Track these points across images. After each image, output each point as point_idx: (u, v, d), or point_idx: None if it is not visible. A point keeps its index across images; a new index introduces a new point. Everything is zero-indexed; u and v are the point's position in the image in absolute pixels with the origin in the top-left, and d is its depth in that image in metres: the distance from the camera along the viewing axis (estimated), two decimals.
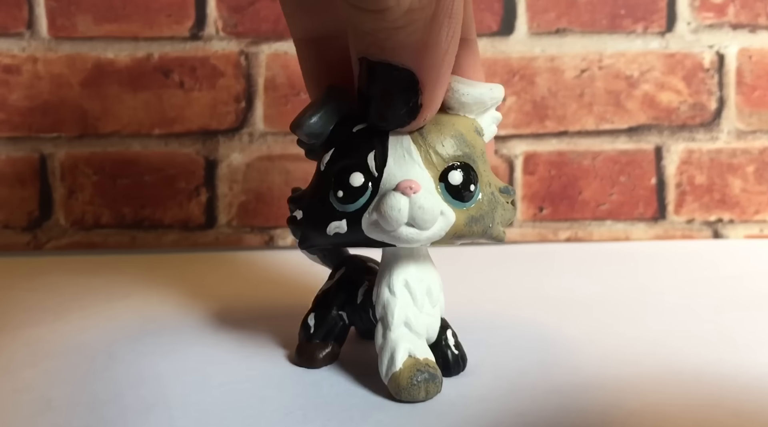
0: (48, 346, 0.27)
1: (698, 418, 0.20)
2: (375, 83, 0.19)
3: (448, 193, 0.20)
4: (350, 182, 0.20)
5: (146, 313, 0.31)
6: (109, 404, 0.21)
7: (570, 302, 0.32)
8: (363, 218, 0.20)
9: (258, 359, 0.25)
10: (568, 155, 0.46)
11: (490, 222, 0.21)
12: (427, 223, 0.19)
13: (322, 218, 0.21)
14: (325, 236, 0.21)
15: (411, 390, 0.21)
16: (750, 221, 0.47)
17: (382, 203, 0.19)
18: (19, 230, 0.46)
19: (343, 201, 0.20)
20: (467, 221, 0.20)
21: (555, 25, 0.46)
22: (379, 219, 0.20)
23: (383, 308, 0.22)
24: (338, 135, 0.21)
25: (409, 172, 0.20)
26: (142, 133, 0.45)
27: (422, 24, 0.18)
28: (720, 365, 0.24)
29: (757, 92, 0.46)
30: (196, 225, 0.46)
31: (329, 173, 0.21)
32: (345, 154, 0.21)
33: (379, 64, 0.19)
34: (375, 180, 0.20)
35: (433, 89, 0.19)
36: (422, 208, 0.19)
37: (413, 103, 0.19)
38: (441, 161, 0.20)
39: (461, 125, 0.21)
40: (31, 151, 0.45)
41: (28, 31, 0.45)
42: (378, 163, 0.20)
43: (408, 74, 0.19)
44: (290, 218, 0.23)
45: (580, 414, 0.20)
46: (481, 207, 0.21)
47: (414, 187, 0.19)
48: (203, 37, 0.45)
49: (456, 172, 0.20)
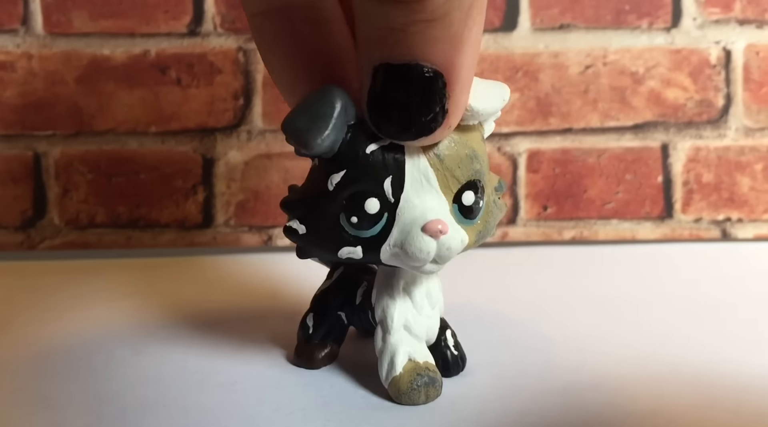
0: (46, 345, 0.26)
1: (702, 420, 0.20)
2: (399, 89, 0.18)
3: (461, 214, 0.20)
4: (365, 209, 0.19)
5: (144, 313, 0.30)
6: (107, 403, 0.21)
7: (572, 302, 0.32)
8: (383, 249, 0.19)
9: (257, 359, 0.25)
10: (573, 153, 0.46)
11: (491, 230, 0.21)
12: (449, 259, 0.20)
13: (332, 240, 0.20)
14: (334, 257, 0.20)
15: (411, 394, 0.21)
16: (759, 219, 0.46)
17: (408, 243, 0.19)
18: (13, 229, 0.45)
19: (357, 227, 0.19)
20: (477, 238, 0.21)
21: (559, 21, 0.45)
22: (403, 256, 0.19)
23: (382, 311, 0.22)
24: (349, 154, 0.19)
25: (426, 201, 0.19)
26: (139, 131, 0.45)
27: (459, 16, 0.16)
28: (725, 365, 0.24)
29: (764, 89, 0.45)
30: (193, 224, 0.45)
31: (339, 196, 0.19)
32: (358, 178, 0.19)
33: (405, 66, 0.17)
34: (391, 206, 0.19)
35: (461, 93, 0.18)
36: (450, 249, 0.19)
37: (440, 108, 0.18)
38: (456, 184, 0.20)
39: (473, 139, 0.20)
40: (25, 148, 0.44)
41: (22, 27, 0.44)
42: (395, 189, 0.19)
43: (437, 75, 0.17)
44: (287, 229, 0.21)
45: (581, 414, 0.20)
46: (487, 220, 0.21)
47: (443, 230, 0.19)
48: (201, 33, 0.44)
49: (469, 193, 0.20)
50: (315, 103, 0.19)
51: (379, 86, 0.18)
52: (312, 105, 0.19)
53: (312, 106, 0.19)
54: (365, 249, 0.19)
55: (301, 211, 0.20)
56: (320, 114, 0.19)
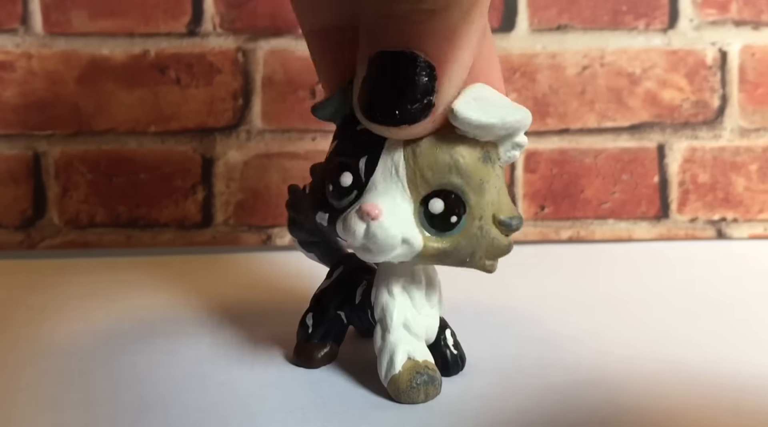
0: (46, 345, 0.27)
1: (699, 417, 0.20)
2: (392, 75, 0.18)
3: (426, 219, 0.20)
4: (340, 180, 0.20)
5: (144, 312, 0.30)
6: (107, 403, 0.21)
7: (570, 301, 0.32)
8: (337, 222, 0.20)
9: (257, 358, 0.25)
10: (570, 153, 0.46)
11: (466, 256, 0.20)
12: (379, 249, 0.19)
13: (316, 202, 0.21)
14: (313, 220, 0.21)
15: (410, 393, 0.21)
16: (754, 219, 0.46)
17: (345, 219, 0.20)
18: (13, 228, 0.45)
19: (331, 196, 0.20)
20: (436, 253, 0.20)
21: (556, 22, 0.45)
22: (342, 231, 0.20)
23: (382, 310, 0.22)
24: (345, 128, 0.21)
25: (388, 189, 0.19)
26: (138, 131, 0.45)
27: (459, 11, 0.17)
28: (722, 364, 0.24)
29: (760, 90, 0.46)
30: (193, 224, 0.45)
31: (329, 163, 0.21)
32: (344, 151, 0.21)
33: (400, 53, 0.18)
34: (361, 185, 0.20)
35: (449, 89, 0.18)
36: (374, 236, 0.19)
37: (427, 100, 0.18)
38: (425, 186, 0.19)
39: (463, 152, 0.19)
40: (25, 148, 0.45)
41: (22, 27, 0.44)
42: (367, 170, 0.20)
43: (429, 67, 0.18)
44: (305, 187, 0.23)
45: (579, 413, 0.20)
46: (458, 241, 0.20)
47: (372, 214, 0.19)
48: (200, 33, 0.45)
49: (437, 201, 0.19)
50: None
51: (372, 73, 0.19)
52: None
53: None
54: (330, 219, 0.20)
55: (315, 174, 0.22)
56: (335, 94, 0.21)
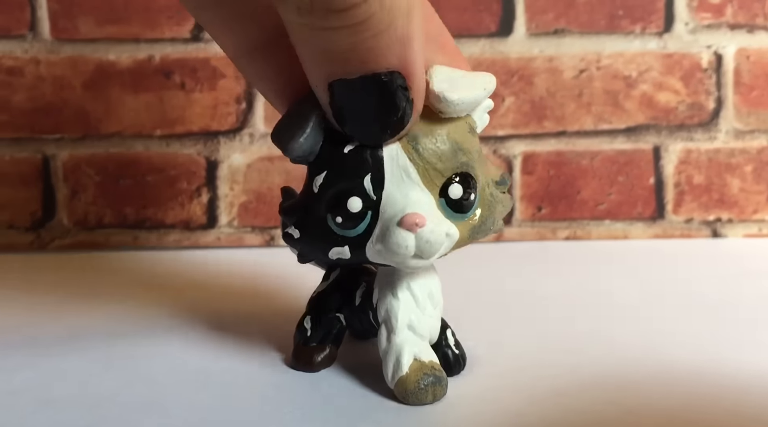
0: (48, 345, 0.27)
1: (695, 416, 0.20)
2: (360, 101, 0.18)
3: (449, 208, 0.20)
4: (348, 208, 0.19)
5: (146, 312, 0.31)
6: (108, 403, 0.21)
7: (569, 301, 0.32)
8: (367, 247, 0.20)
9: (258, 358, 0.25)
10: (567, 155, 0.47)
11: (491, 224, 0.21)
12: (434, 254, 0.19)
13: (322, 242, 0.20)
14: (327, 258, 0.21)
15: (419, 394, 0.21)
16: (748, 220, 0.47)
17: (387, 239, 0.19)
18: (23, 230, 0.46)
19: (342, 227, 0.20)
20: (471, 233, 0.20)
21: (553, 26, 0.46)
22: (385, 252, 0.19)
23: (386, 311, 0.21)
24: (328, 154, 0.20)
25: (408, 195, 0.19)
26: (144, 135, 0.46)
27: (402, 19, 0.16)
28: (718, 364, 0.24)
29: (755, 92, 0.46)
30: (198, 225, 0.46)
31: (323, 196, 0.20)
32: (339, 178, 0.20)
33: (360, 79, 0.17)
34: (374, 204, 0.19)
35: (420, 80, 0.18)
36: (429, 242, 0.19)
37: (407, 102, 0.18)
38: (439, 176, 0.20)
39: (456, 131, 0.20)
40: (34, 152, 0.46)
41: (30, 33, 0.45)
42: (375, 187, 0.19)
43: (395, 76, 0.18)
44: (285, 235, 0.22)
45: (578, 413, 0.20)
46: (482, 214, 0.20)
47: (420, 223, 0.19)
48: (204, 38, 0.45)
49: (455, 186, 0.20)
50: (293, 113, 0.20)
51: (340, 101, 0.18)
52: (291, 115, 0.20)
53: (290, 116, 0.20)
54: (352, 248, 0.20)
55: (296, 216, 0.21)
56: (296, 122, 0.20)
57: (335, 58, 0.17)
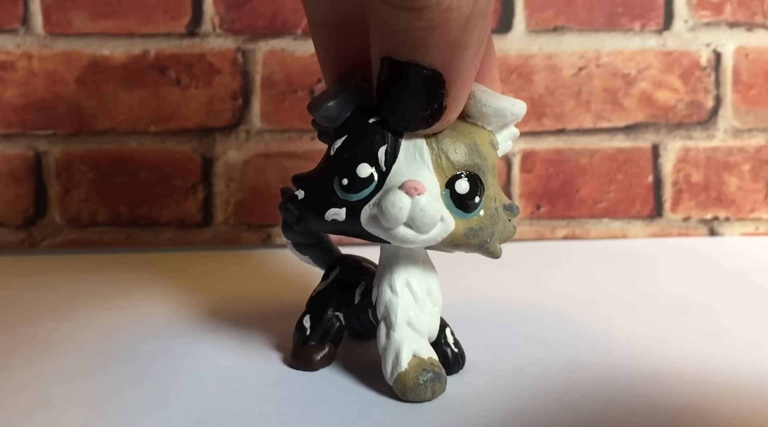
0: (46, 344, 0.27)
1: (694, 415, 0.20)
2: (400, 84, 0.19)
3: (452, 201, 0.20)
4: (357, 172, 0.20)
5: (143, 312, 0.31)
6: (106, 402, 0.21)
7: (567, 299, 0.32)
8: (363, 211, 0.20)
9: (256, 357, 0.25)
10: (566, 153, 0.46)
11: (488, 237, 0.21)
12: (425, 226, 0.19)
13: (322, 202, 0.21)
14: (322, 221, 0.21)
15: (417, 390, 0.21)
16: (746, 218, 0.47)
17: (384, 199, 0.19)
18: (14, 227, 0.45)
19: (346, 189, 0.20)
20: (466, 232, 0.20)
21: (553, 23, 0.46)
22: (379, 214, 0.19)
23: (386, 308, 0.22)
24: (353, 123, 0.21)
25: (416, 173, 0.20)
26: (138, 131, 0.45)
27: (457, 24, 0.17)
28: (716, 362, 0.24)
29: (753, 90, 0.46)
30: (193, 223, 0.46)
31: (338, 159, 0.21)
32: (356, 144, 0.21)
33: (406, 64, 0.18)
34: (382, 175, 0.20)
35: (459, 91, 0.19)
36: (423, 210, 0.19)
37: (438, 105, 0.19)
38: (451, 167, 0.20)
39: (477, 135, 0.21)
40: (26, 148, 0.45)
41: (23, 28, 0.44)
42: (388, 159, 0.20)
43: (436, 75, 0.18)
44: (291, 197, 0.22)
45: (578, 411, 0.20)
46: (482, 220, 0.21)
47: (419, 189, 0.19)
48: (200, 33, 0.45)
49: (463, 181, 0.20)
50: (334, 84, 0.22)
51: (384, 76, 0.19)
52: (331, 86, 0.22)
53: (331, 87, 0.22)
54: (348, 211, 0.20)
55: (305, 182, 0.22)
56: (333, 89, 0.21)
57: (391, 36, 0.18)
